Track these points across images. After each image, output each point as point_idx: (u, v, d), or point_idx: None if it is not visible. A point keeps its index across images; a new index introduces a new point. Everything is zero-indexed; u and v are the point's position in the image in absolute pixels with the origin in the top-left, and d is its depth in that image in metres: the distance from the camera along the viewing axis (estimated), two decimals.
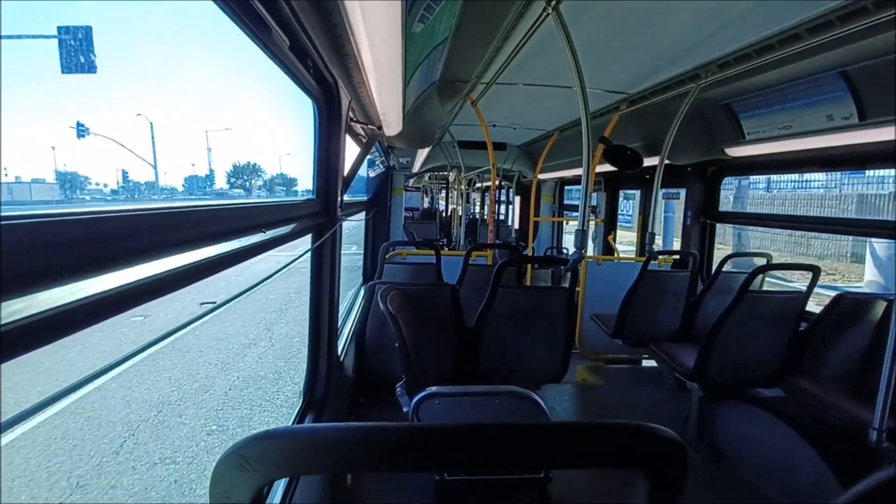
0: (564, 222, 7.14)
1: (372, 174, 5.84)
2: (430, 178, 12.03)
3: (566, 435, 0.41)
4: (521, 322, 2.27)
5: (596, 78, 2.72)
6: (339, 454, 0.39)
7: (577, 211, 2.15)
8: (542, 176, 6.03)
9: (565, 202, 7.45)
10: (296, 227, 1.36)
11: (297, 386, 4.90)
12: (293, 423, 1.70)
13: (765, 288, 3.35)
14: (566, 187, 7.39)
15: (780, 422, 2.22)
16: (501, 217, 8.98)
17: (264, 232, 1.06)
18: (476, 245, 4.08)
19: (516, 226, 8.17)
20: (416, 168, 6.47)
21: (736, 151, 3.13)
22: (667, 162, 3.22)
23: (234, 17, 0.84)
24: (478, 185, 9.61)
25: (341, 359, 2.30)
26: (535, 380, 2.36)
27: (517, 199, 8.33)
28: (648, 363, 3.86)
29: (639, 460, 0.41)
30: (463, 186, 8.32)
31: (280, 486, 1.25)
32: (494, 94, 3.16)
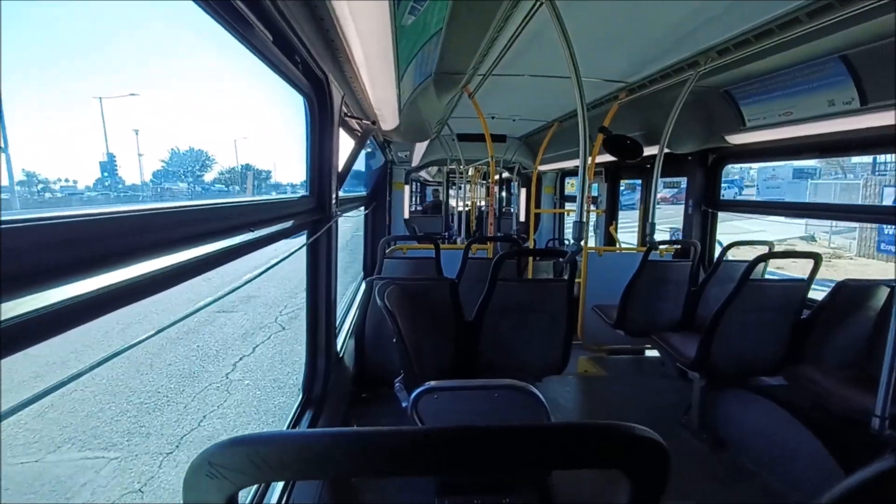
0: (565, 213, 7.11)
1: (371, 168, 5.82)
2: (449, 171, 11.65)
3: (545, 437, 0.40)
4: (521, 315, 2.26)
5: (593, 67, 2.69)
6: (308, 460, 0.39)
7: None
8: (542, 167, 5.99)
9: (566, 193, 7.42)
10: (289, 224, 1.35)
11: None
12: (291, 420, 1.70)
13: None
14: (567, 178, 7.36)
15: (782, 410, 2.21)
16: (513, 209, 8.93)
17: (252, 230, 1.05)
18: (475, 238, 4.07)
19: (522, 217, 8.14)
20: (414, 162, 6.44)
21: (737, 139, 3.10)
22: (667, 151, 3.19)
23: (211, 13, 0.82)
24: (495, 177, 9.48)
25: (341, 355, 2.30)
26: (535, 372, 2.36)
27: (523, 191, 8.30)
28: (651, 353, 3.85)
29: (618, 460, 0.40)
30: (490, 179, 8.25)
31: (277, 488, 1.25)
32: (492, 86, 3.13)
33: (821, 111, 2.37)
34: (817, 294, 2.52)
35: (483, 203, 7.97)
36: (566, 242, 7.14)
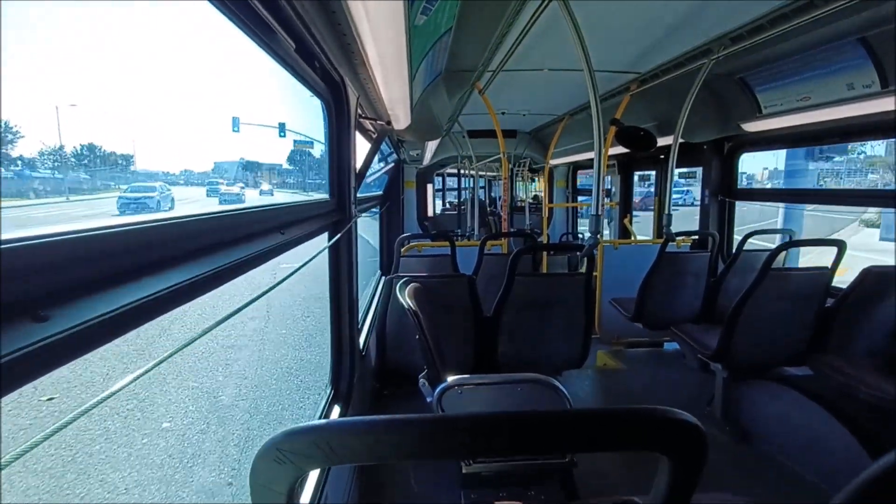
0: (579, 207, 7.07)
1: (384, 168, 5.87)
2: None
3: (592, 421, 0.42)
4: (539, 310, 2.27)
5: (604, 58, 2.68)
6: (370, 445, 0.42)
7: (590, 195, 2.14)
8: (553, 161, 5.97)
9: (578, 186, 7.38)
10: (312, 226, 1.38)
11: None
12: (321, 414, 1.74)
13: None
14: (579, 171, 7.32)
15: (808, 400, 2.18)
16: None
17: (282, 234, 1.08)
18: (490, 234, 4.08)
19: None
20: (426, 160, 6.48)
21: (753, 126, 3.05)
22: (681, 140, 3.17)
23: (241, 24, 0.85)
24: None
25: (363, 352, 2.34)
26: (555, 366, 2.36)
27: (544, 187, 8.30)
28: (670, 346, 3.82)
29: (661, 444, 0.42)
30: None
31: (313, 478, 1.28)
32: (502, 82, 3.13)
33: (840, 95, 2.32)
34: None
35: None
36: (580, 236, 7.11)
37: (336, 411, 1.76)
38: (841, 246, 2.28)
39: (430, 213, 8.14)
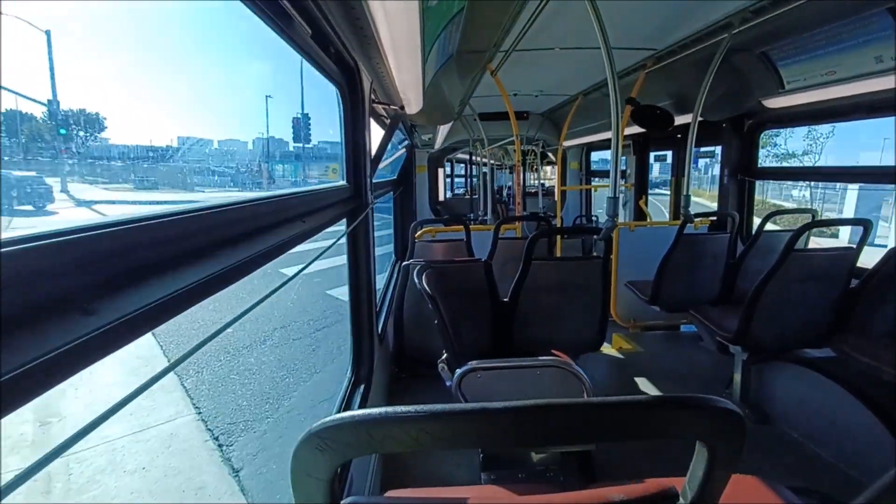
0: (593, 189, 6.98)
1: (397, 154, 5.86)
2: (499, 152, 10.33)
3: (633, 409, 0.43)
4: (556, 293, 2.26)
5: (620, 35, 2.61)
6: (410, 435, 0.43)
7: (604, 177, 2.11)
8: (566, 143, 5.88)
9: (592, 168, 7.27)
10: (331, 213, 1.39)
11: None
12: (343, 397, 1.77)
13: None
14: (593, 153, 7.20)
15: (830, 382, 2.15)
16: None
17: (304, 222, 1.09)
18: (504, 218, 4.06)
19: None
20: (437, 144, 6.43)
21: (775, 103, 2.96)
22: (700, 119, 3.09)
23: (258, 11, 0.84)
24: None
25: (381, 337, 2.36)
26: (571, 350, 2.37)
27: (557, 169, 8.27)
28: (687, 328, 3.80)
29: (701, 432, 0.42)
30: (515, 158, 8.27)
31: None
32: (514, 62, 3.08)
33: (867, 69, 2.24)
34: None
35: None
36: (594, 218, 7.03)
37: (357, 395, 1.78)
38: (867, 225, 2.22)
39: (441, 197, 8.14)
